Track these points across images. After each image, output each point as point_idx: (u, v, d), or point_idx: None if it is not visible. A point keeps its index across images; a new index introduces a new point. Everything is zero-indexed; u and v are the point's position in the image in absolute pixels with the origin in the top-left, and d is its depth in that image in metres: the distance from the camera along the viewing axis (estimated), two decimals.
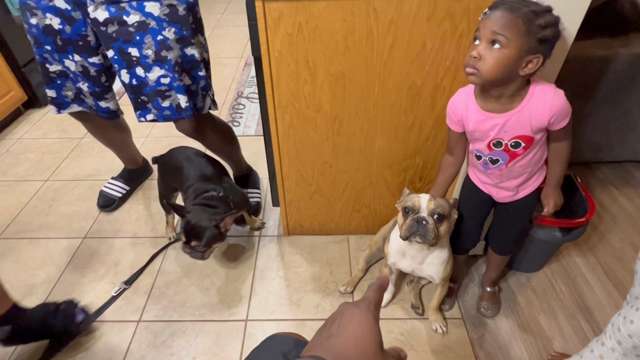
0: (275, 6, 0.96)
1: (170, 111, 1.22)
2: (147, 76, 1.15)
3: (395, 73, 1.07)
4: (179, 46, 1.13)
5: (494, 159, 0.94)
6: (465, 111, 0.92)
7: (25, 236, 1.57)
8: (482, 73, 0.80)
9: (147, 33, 1.09)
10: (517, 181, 0.98)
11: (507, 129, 0.88)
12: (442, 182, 1.07)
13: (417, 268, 1.11)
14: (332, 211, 1.46)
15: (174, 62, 1.13)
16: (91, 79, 1.23)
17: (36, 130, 2.18)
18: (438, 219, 0.96)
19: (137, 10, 1.06)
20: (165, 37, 1.10)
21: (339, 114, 1.17)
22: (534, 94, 0.84)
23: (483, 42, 0.79)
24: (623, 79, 1.51)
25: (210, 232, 1.18)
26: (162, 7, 1.07)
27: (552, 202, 0.99)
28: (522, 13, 0.75)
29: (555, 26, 0.78)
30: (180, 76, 1.16)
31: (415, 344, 1.21)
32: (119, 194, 1.68)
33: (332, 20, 0.97)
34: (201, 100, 1.27)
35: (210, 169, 1.34)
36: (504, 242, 1.16)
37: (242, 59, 2.88)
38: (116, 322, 1.28)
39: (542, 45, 0.77)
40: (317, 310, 1.30)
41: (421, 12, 0.96)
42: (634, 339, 0.79)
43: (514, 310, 1.29)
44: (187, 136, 1.36)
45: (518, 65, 0.79)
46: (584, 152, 1.77)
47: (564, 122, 0.86)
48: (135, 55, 1.12)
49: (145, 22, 1.08)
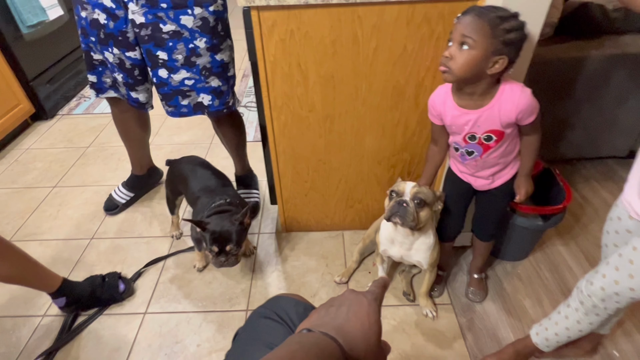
0: (269, 15, 1.06)
1: (187, 109, 1.36)
2: (171, 76, 1.27)
3: (380, 74, 1.17)
4: (209, 53, 1.25)
5: (470, 150, 1.03)
6: (443, 107, 1.01)
7: (35, 238, 1.64)
8: (453, 71, 0.88)
9: (180, 41, 1.21)
10: (491, 170, 1.07)
11: (480, 124, 0.96)
12: (429, 170, 1.15)
13: (406, 254, 1.19)
14: (327, 207, 1.54)
15: (202, 67, 1.26)
16: (126, 71, 1.33)
17: (43, 140, 2.27)
18: (418, 204, 1.04)
19: (173, 21, 1.18)
20: (196, 46, 1.22)
21: (330, 113, 1.26)
22: (503, 93, 0.92)
23: (454, 44, 0.88)
24: (598, 78, 1.61)
25: (238, 232, 1.20)
26: (196, 20, 1.19)
27: (523, 190, 1.07)
28: (489, 18, 0.83)
29: (520, 30, 0.86)
30: (207, 79, 1.29)
31: (407, 328, 1.27)
32: (124, 200, 1.76)
33: (321, 27, 1.08)
34: (232, 97, 1.41)
35: (214, 180, 1.38)
36: (485, 229, 1.24)
37: (240, 70, 2.99)
38: (123, 314, 1.34)
39: (507, 47, 0.85)
40: (314, 300, 1.37)
41: (401, 18, 1.06)
42: (593, 299, 0.87)
43: (500, 295, 1.36)
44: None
45: (485, 65, 0.87)
46: (567, 150, 1.86)
47: (531, 118, 0.95)
48: (162, 58, 1.24)
49: (180, 32, 1.20)
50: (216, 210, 1.25)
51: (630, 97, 1.66)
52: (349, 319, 0.40)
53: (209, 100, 1.34)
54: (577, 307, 0.92)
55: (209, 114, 1.39)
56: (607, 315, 0.90)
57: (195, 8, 1.17)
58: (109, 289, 1.35)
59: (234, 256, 1.23)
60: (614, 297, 0.85)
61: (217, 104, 1.36)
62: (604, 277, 0.85)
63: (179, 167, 1.45)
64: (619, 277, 0.82)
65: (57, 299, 1.28)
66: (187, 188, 1.39)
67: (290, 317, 0.66)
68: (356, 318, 0.40)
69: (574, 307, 0.93)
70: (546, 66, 1.60)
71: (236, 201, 1.32)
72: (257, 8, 1.05)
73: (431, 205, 1.08)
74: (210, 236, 1.18)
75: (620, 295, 0.83)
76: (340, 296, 0.44)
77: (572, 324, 0.95)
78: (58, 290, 1.26)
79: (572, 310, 0.93)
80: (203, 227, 1.19)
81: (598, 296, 0.87)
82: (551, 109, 1.69)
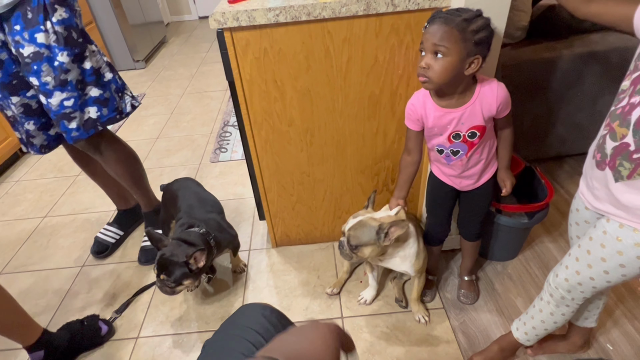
0: (242, 35, 1.09)
1: (78, 132, 1.25)
2: (49, 102, 1.19)
3: (354, 85, 1.20)
4: (76, 65, 1.18)
5: (455, 150, 1.05)
6: (423, 110, 1.02)
7: (26, 269, 1.64)
8: (432, 80, 0.91)
9: (42, 62, 1.13)
10: (476, 169, 1.09)
11: (464, 121, 0.99)
12: (403, 182, 1.16)
13: (391, 264, 1.19)
14: (315, 219, 1.55)
15: (75, 81, 1.19)
16: (34, 113, 1.26)
17: (34, 171, 2.28)
18: (352, 247, 1.07)
19: (30, 42, 1.11)
20: (60, 62, 1.14)
21: (310, 127, 1.29)
22: (482, 87, 0.97)
23: (428, 53, 0.90)
24: (570, 77, 1.65)
25: (180, 269, 1.17)
26: (50, 35, 1.12)
27: (508, 182, 1.11)
28: (456, 23, 0.85)
29: (487, 28, 0.88)
30: (84, 91, 1.22)
31: (400, 335, 1.27)
32: (113, 240, 1.68)
33: (293, 43, 1.11)
34: (120, 101, 1.32)
35: (199, 204, 1.37)
36: (471, 228, 1.25)
37: (227, 91, 3.04)
38: (115, 340, 1.33)
39: (479, 47, 0.88)
40: (307, 313, 1.36)
41: (369, 30, 1.09)
42: (560, 290, 0.89)
43: (492, 296, 1.36)
44: (84, 150, 1.39)
45: (462, 68, 0.89)
46: (549, 148, 1.89)
47: (508, 110, 1.00)
48: (35, 85, 1.17)
49: (40, 52, 1.12)
50: (182, 236, 1.22)
51: (605, 93, 1.70)
52: (300, 344, 0.40)
53: (96, 112, 1.25)
54: (548, 300, 0.94)
55: (102, 124, 1.28)
56: (576, 306, 0.92)
57: (46, 23, 1.11)
58: (90, 334, 1.29)
59: (168, 288, 1.19)
60: (577, 287, 0.87)
61: (107, 112, 1.27)
62: (566, 268, 0.88)
63: (171, 189, 1.46)
64: (579, 268, 0.84)
65: (34, 353, 1.18)
66: (176, 209, 1.40)
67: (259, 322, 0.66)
68: (309, 343, 0.40)
69: (546, 300, 0.95)
70: (521, 68, 1.64)
71: (211, 235, 1.26)
72: (229, 29, 1.08)
73: (369, 244, 1.06)
74: (157, 257, 1.19)
75: (583, 285, 0.86)
76: (303, 325, 0.45)
77: (546, 316, 0.96)
78: (36, 343, 1.18)
79: (545, 303, 0.95)
80: (157, 246, 1.20)
81: (564, 287, 0.89)
82: (530, 109, 1.73)
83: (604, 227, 0.79)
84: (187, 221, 1.28)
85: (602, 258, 0.80)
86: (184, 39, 4.41)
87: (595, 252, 0.81)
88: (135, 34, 3.54)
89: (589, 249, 0.82)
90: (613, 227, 0.77)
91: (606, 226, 0.79)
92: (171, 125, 2.64)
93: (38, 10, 1.10)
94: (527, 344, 1.07)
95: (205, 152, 2.32)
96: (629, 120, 0.69)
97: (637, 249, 0.75)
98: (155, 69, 3.64)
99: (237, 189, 1.98)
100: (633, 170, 0.70)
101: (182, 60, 3.77)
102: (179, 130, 2.58)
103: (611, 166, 0.74)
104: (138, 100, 1.41)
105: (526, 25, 1.68)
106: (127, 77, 3.48)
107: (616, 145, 0.72)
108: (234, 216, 1.80)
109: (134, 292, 1.49)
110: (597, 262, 0.81)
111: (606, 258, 0.79)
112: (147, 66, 3.71)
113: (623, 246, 0.76)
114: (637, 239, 0.74)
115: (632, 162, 0.70)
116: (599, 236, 0.80)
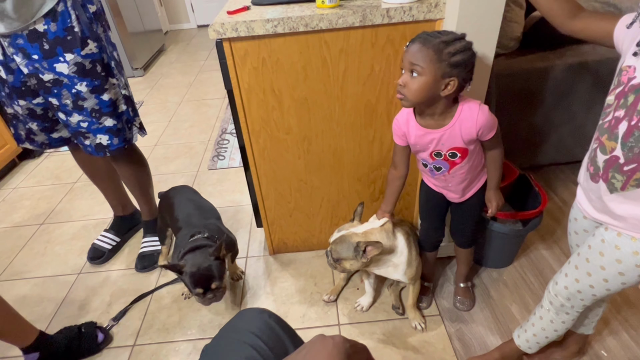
0: (241, 45, 1.11)
1: (91, 149, 1.35)
2: (69, 119, 1.28)
3: (351, 94, 1.22)
4: (94, 95, 1.25)
5: (437, 166, 1.06)
6: (407, 127, 1.03)
7: (22, 277, 1.64)
8: (408, 97, 0.91)
9: (62, 87, 1.21)
10: (461, 186, 1.10)
11: (444, 142, 0.99)
12: (389, 195, 1.17)
13: (386, 272, 1.20)
14: (312, 226, 1.56)
15: (91, 109, 1.26)
16: (38, 118, 1.33)
17: (31, 179, 2.29)
18: (333, 259, 1.12)
19: (49, 71, 1.18)
20: (78, 91, 1.22)
21: (307, 134, 1.30)
22: (462, 111, 0.95)
23: (406, 72, 0.90)
24: (563, 86, 1.68)
25: (217, 267, 1.18)
26: (70, 66, 1.18)
27: (494, 203, 1.10)
28: (432, 44, 0.85)
29: (465, 51, 0.87)
30: (99, 120, 1.29)
31: (397, 342, 1.27)
32: (109, 246, 1.69)
33: (291, 53, 1.13)
34: (128, 132, 1.40)
35: (196, 212, 1.37)
36: (462, 236, 1.26)
37: (224, 99, 3.06)
38: (112, 348, 1.33)
39: (455, 69, 0.87)
40: (304, 320, 1.37)
41: (365, 41, 1.12)
42: (559, 298, 0.90)
43: (487, 303, 1.37)
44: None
45: (437, 88, 0.89)
46: (543, 157, 1.92)
47: (492, 134, 0.98)
48: (55, 104, 1.25)
49: (59, 79, 1.20)
50: (192, 246, 1.21)
51: (596, 102, 1.73)
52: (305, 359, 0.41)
53: (107, 140, 1.33)
54: (548, 308, 0.95)
55: (111, 152, 1.37)
56: (576, 314, 0.92)
57: (66, 55, 1.17)
58: (87, 341, 1.29)
59: (220, 290, 1.19)
60: (577, 295, 0.88)
61: (117, 142, 1.36)
62: (566, 276, 0.89)
63: (167, 197, 1.47)
64: (578, 276, 0.85)
65: (29, 354, 1.19)
66: (172, 217, 1.40)
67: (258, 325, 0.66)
68: (313, 357, 0.41)
69: (546, 307, 0.95)
70: (515, 77, 1.67)
71: (215, 236, 1.28)
72: (228, 39, 1.10)
73: (349, 258, 1.10)
74: (190, 279, 1.15)
75: (582, 293, 0.86)
76: (309, 341, 0.45)
77: (546, 324, 0.97)
78: (32, 345, 1.18)
79: (545, 311, 0.96)
80: (180, 271, 1.16)
81: (563, 295, 0.90)
82: (523, 118, 1.76)
83: (603, 236, 0.80)
84: (189, 231, 1.28)
85: (601, 266, 0.81)
86: (183, 47, 4.45)
87: (594, 260, 0.81)
88: (134, 42, 3.57)
89: (588, 257, 0.83)
90: (611, 236, 0.78)
91: (604, 235, 0.80)
92: (169, 133, 2.66)
93: (55, 43, 1.15)
94: (529, 351, 1.07)
95: (203, 159, 2.33)
96: (616, 133, 0.71)
97: (636, 257, 0.75)
98: (154, 76, 3.66)
99: (235, 196, 1.99)
100: (626, 182, 0.71)
101: (181, 68, 3.79)
102: (177, 137, 2.59)
103: (604, 179, 0.75)
104: (145, 131, 1.49)
105: (519, 35, 1.71)
106: None
107: (607, 159, 0.73)
108: (232, 223, 1.81)
109: (131, 299, 1.48)
110: (596, 270, 0.82)
111: (605, 266, 0.80)
112: (146, 74, 3.73)
113: (622, 254, 0.77)
114: (635, 247, 0.75)
115: (623, 174, 0.71)
116: (598, 244, 0.81)
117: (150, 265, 1.62)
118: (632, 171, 0.70)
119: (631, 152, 0.69)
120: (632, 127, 0.68)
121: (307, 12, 1.08)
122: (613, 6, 1.64)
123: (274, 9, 1.15)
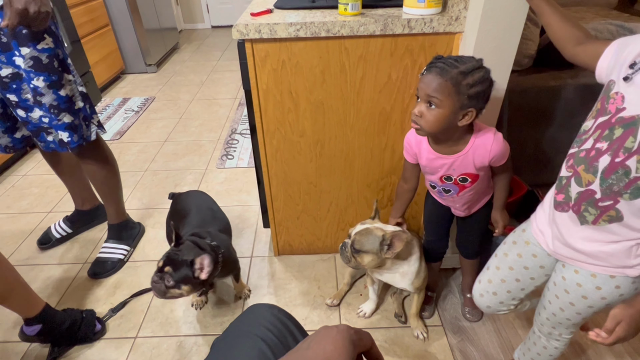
0: (262, 47, 1.13)
1: (54, 145, 1.33)
2: (30, 115, 1.25)
3: (367, 101, 1.23)
4: (52, 91, 1.23)
5: (446, 189, 1.07)
6: (418, 148, 1.04)
7: (28, 263, 1.65)
8: (424, 128, 0.90)
9: (22, 82, 1.20)
10: (467, 205, 1.12)
11: (455, 168, 1.00)
12: (399, 207, 1.19)
13: (392, 280, 1.21)
14: (318, 230, 1.57)
15: (49, 105, 1.24)
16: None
17: (40, 167, 2.30)
18: (354, 249, 1.10)
19: (8, 64, 1.17)
20: (36, 86, 1.20)
21: (320, 138, 1.32)
22: (476, 139, 0.95)
23: (422, 102, 0.89)
24: (574, 106, 1.70)
25: (185, 270, 1.09)
26: (26, 60, 1.17)
27: (501, 223, 1.11)
28: (451, 76, 0.83)
29: (484, 81, 0.85)
30: (58, 116, 1.27)
31: (398, 350, 1.28)
32: (59, 235, 1.72)
33: (310, 57, 1.15)
34: (86, 130, 1.38)
35: (213, 222, 1.35)
36: (468, 247, 1.28)
37: (236, 99, 3.09)
38: (113, 339, 1.34)
39: (473, 100, 0.85)
40: (306, 322, 1.37)
41: (385, 49, 1.14)
42: (545, 327, 0.93)
43: (490, 316, 1.37)
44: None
45: (454, 120, 0.88)
46: (551, 175, 1.90)
47: (503, 160, 0.99)
48: (14, 100, 1.23)
49: (18, 73, 1.19)
50: (197, 241, 1.17)
51: None
52: (309, 347, 0.41)
53: (67, 136, 1.31)
54: (539, 335, 0.97)
55: (72, 150, 1.35)
56: (566, 340, 0.93)
57: (21, 49, 1.15)
58: (86, 327, 1.30)
59: (165, 285, 1.09)
60: (559, 325, 0.89)
61: (77, 139, 1.33)
62: (544, 308, 0.90)
63: (183, 201, 1.42)
64: (554, 310, 0.87)
65: (30, 326, 1.19)
66: (184, 223, 1.34)
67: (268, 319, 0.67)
68: (318, 345, 0.41)
69: (537, 334, 0.97)
70: (527, 94, 1.69)
71: (220, 250, 1.22)
72: (250, 40, 1.12)
73: (371, 252, 1.08)
74: (170, 250, 1.13)
75: (563, 324, 0.88)
76: (314, 333, 0.45)
77: (540, 349, 0.98)
78: (37, 316, 1.19)
79: (537, 337, 0.98)
80: (177, 242, 1.13)
81: (547, 325, 0.91)
82: (534, 135, 1.77)
83: (562, 273, 0.82)
84: (200, 232, 1.25)
85: (570, 302, 0.82)
86: (196, 46, 4.49)
87: (563, 298, 0.83)
88: (149, 38, 3.61)
89: (556, 293, 0.84)
90: (569, 274, 0.79)
91: (563, 272, 0.81)
92: (179, 130, 2.68)
93: (10, 37, 1.14)
94: None
95: (212, 157, 2.35)
96: (595, 167, 0.67)
97: (600, 291, 0.76)
98: (167, 73, 3.70)
99: (242, 196, 2.00)
100: (598, 217, 0.69)
101: (193, 67, 3.83)
102: (187, 135, 2.61)
103: (575, 210, 0.73)
104: (104, 128, 1.45)
105: (533, 53, 1.73)
106: (138, 80, 3.54)
107: (582, 191, 0.70)
108: (238, 222, 1.82)
109: (132, 292, 1.49)
110: (567, 306, 0.83)
111: (574, 302, 0.81)
112: (159, 70, 3.77)
113: (585, 291, 0.78)
114: (596, 283, 0.76)
115: (597, 208, 0.69)
116: (560, 282, 0.82)
117: (103, 273, 1.56)
118: (606, 208, 0.68)
119: (610, 189, 0.66)
120: (616, 164, 0.64)
121: (329, 18, 1.10)
122: (629, 30, 1.66)
123: (296, 13, 1.17)
